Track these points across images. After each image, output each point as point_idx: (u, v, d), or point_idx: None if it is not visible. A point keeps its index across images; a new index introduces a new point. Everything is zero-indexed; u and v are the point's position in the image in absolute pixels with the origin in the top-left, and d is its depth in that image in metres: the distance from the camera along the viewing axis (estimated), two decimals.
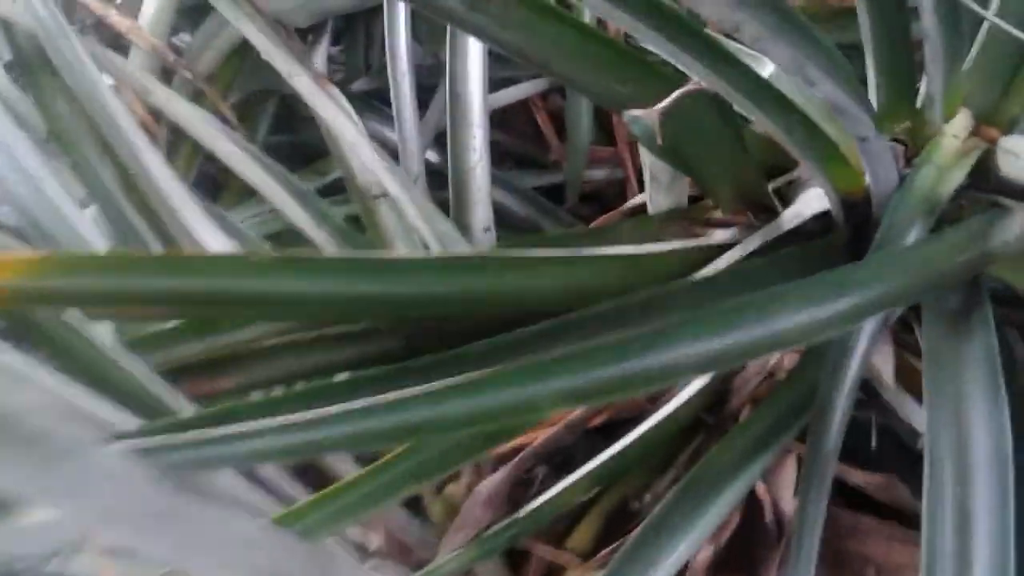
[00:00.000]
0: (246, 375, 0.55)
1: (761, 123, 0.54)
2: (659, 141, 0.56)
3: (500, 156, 0.93)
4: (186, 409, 0.51)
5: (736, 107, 0.55)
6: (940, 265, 0.52)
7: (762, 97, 0.51)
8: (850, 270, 0.49)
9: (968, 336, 0.48)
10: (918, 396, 0.59)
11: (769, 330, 0.45)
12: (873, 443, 0.64)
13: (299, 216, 0.66)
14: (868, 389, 0.64)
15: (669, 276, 0.56)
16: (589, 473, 0.57)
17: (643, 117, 0.55)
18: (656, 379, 0.42)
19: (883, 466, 0.64)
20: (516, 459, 0.55)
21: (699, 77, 0.51)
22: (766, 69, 0.61)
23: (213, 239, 0.62)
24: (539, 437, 0.55)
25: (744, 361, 0.44)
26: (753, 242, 0.61)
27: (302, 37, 1.05)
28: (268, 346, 0.56)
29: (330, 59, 1.05)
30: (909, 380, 0.61)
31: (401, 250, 0.70)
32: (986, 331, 0.48)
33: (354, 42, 1.03)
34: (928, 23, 0.54)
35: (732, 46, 0.57)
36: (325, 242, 0.66)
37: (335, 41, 1.07)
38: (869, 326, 0.54)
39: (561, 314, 0.53)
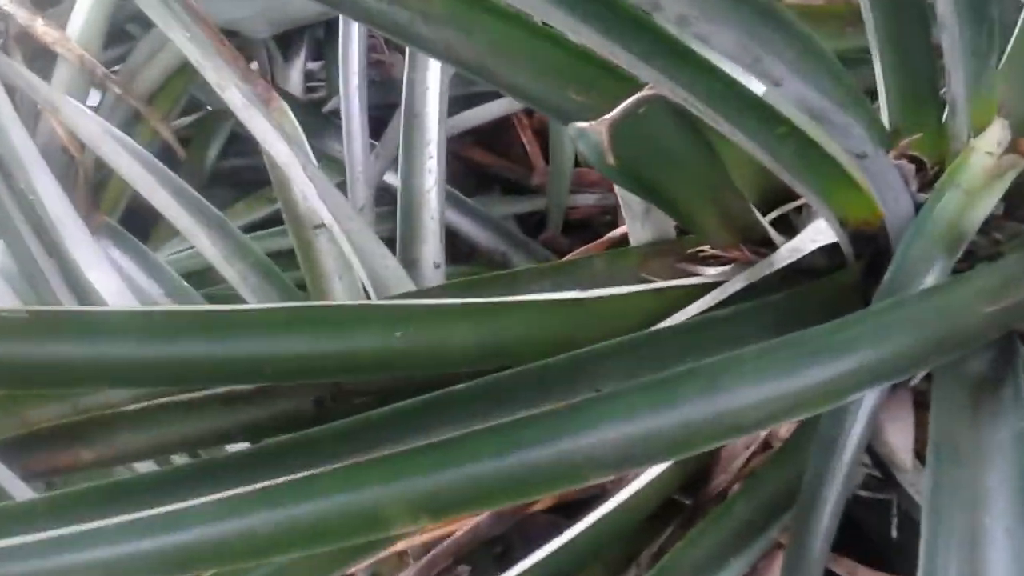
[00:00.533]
0: (112, 445, 0.46)
1: (735, 138, 0.43)
2: (610, 161, 0.46)
3: (483, 179, 0.83)
4: (22, 492, 0.42)
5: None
6: (963, 318, 0.40)
7: (730, 103, 0.41)
8: (834, 328, 0.38)
9: (994, 417, 0.37)
10: None
11: (716, 409, 0.34)
12: (894, 532, 0.52)
13: (210, 251, 0.57)
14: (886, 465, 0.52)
15: (621, 328, 0.45)
16: (530, 571, 0.46)
17: (590, 131, 0.45)
18: (557, 479, 0.32)
19: (907, 560, 0.51)
20: (426, 558, 0.44)
21: (647, 78, 0.40)
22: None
23: (106, 281, 0.54)
24: (461, 526, 0.45)
25: (683, 453, 0.34)
26: (734, 284, 0.49)
27: (282, 52, 0.97)
28: (140, 409, 0.47)
29: (310, 75, 0.97)
30: None
31: (337, 289, 0.60)
32: (1018, 410, 0.36)
33: (335, 56, 0.95)
34: (945, 10, 0.42)
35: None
36: (239, 279, 0.57)
37: (317, 56, 0.99)
38: (872, 395, 0.42)
39: (487, 373, 0.43)
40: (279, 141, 0.63)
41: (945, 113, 0.48)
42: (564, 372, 0.40)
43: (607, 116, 0.44)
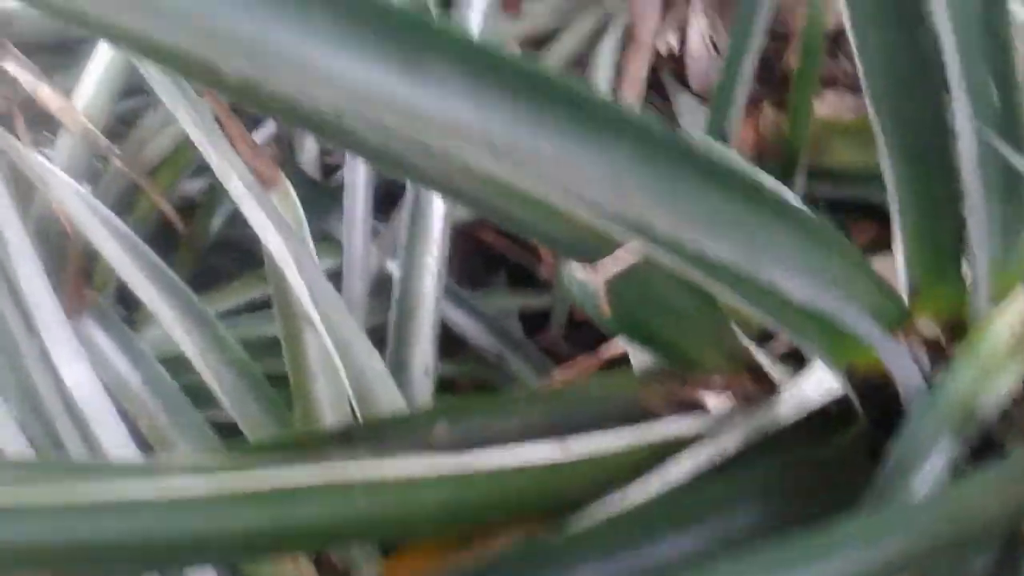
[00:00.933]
0: None
1: (735, 303, 0.41)
2: (606, 312, 0.43)
3: (491, 262, 0.81)
4: None
5: None
6: (966, 520, 0.37)
7: (729, 278, 0.38)
8: (822, 532, 0.35)
9: None
10: None
11: None
12: None
13: (186, 342, 0.56)
14: None
15: (602, 482, 0.43)
16: None
17: (585, 282, 0.43)
18: None
19: None
20: None
21: (643, 247, 0.38)
22: None
23: (79, 374, 0.52)
24: None
25: None
26: (729, 438, 0.47)
27: None
28: None
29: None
30: None
31: (319, 389, 0.58)
32: None
33: None
34: (972, 184, 0.40)
35: None
36: (213, 376, 0.55)
37: None
38: None
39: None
40: (274, 233, 0.61)
41: (965, 279, 0.45)
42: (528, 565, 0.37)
43: (603, 265, 0.42)
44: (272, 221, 0.61)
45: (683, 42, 0.87)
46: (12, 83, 0.66)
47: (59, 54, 0.73)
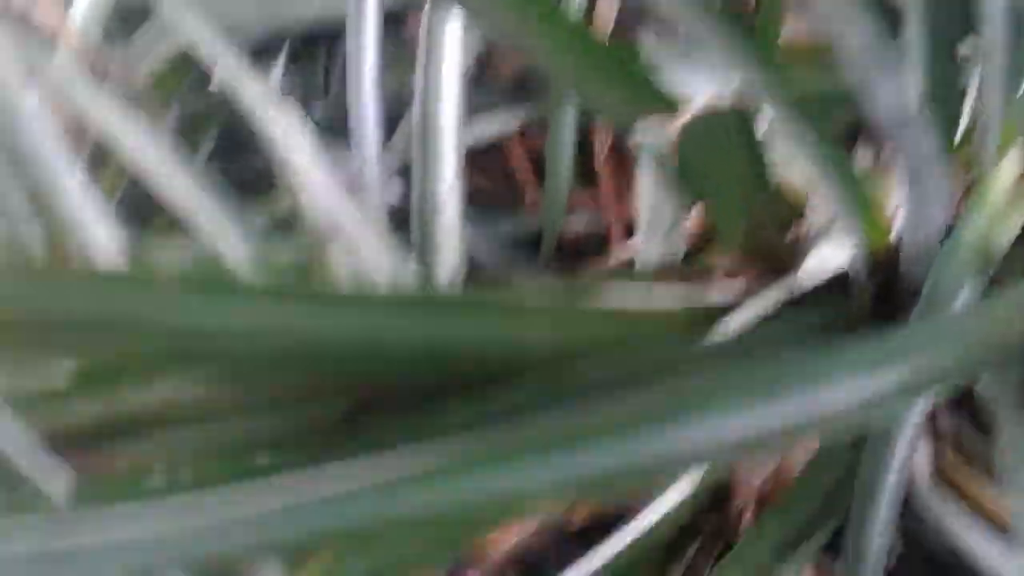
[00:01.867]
0: (147, 449, 0.44)
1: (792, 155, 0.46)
2: (672, 162, 0.47)
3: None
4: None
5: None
6: (1008, 324, 0.43)
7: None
8: (902, 335, 0.40)
9: None
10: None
11: (816, 405, 0.35)
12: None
13: (231, 254, 0.56)
14: None
15: (671, 338, 0.47)
16: None
17: (654, 135, 0.47)
18: (677, 464, 0.33)
19: None
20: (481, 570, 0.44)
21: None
22: None
23: None
24: (505, 541, 0.45)
25: (783, 445, 0.35)
26: (765, 301, 0.51)
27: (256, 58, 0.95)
28: (178, 412, 0.45)
29: (283, 78, 0.96)
30: (947, 480, 0.52)
31: None
32: None
33: (313, 64, 0.93)
34: (992, 38, 0.45)
35: None
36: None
37: (292, 61, 0.98)
38: (915, 409, 0.45)
39: (545, 379, 0.44)
40: (300, 140, 0.62)
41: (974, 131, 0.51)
42: (637, 376, 0.41)
43: (677, 121, 0.46)
44: (295, 128, 0.62)
45: None
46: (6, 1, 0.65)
47: None
